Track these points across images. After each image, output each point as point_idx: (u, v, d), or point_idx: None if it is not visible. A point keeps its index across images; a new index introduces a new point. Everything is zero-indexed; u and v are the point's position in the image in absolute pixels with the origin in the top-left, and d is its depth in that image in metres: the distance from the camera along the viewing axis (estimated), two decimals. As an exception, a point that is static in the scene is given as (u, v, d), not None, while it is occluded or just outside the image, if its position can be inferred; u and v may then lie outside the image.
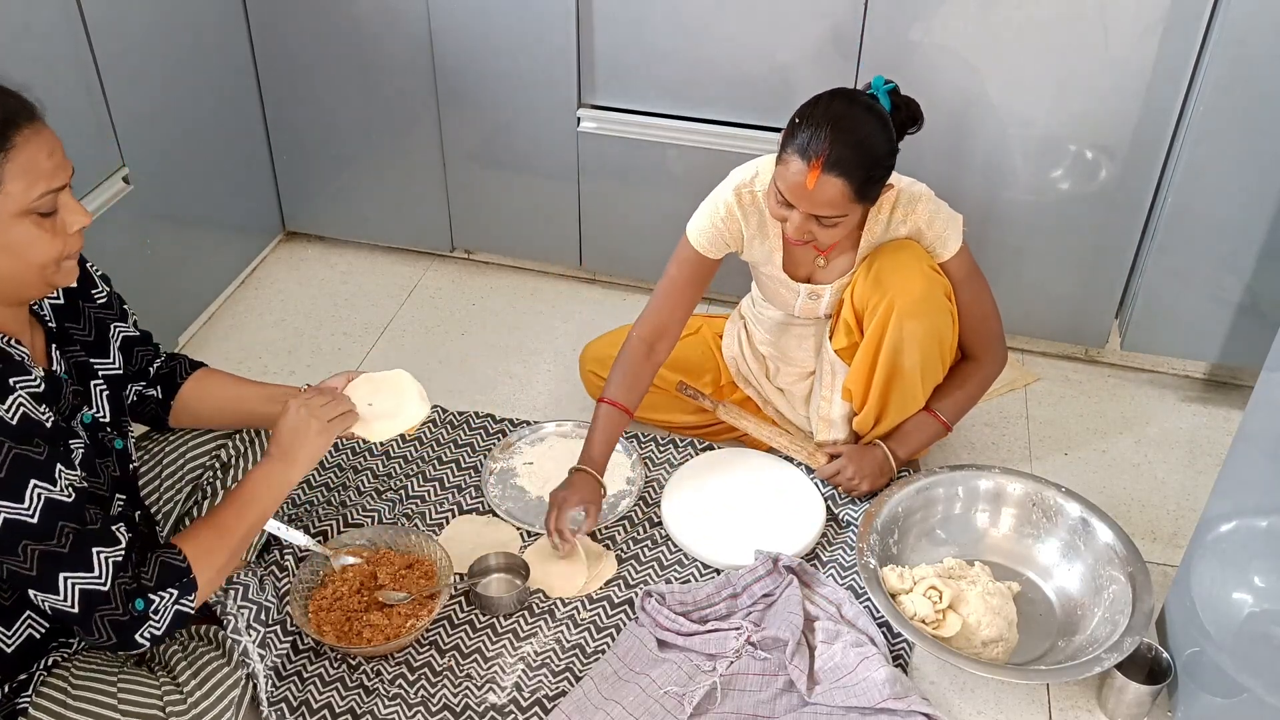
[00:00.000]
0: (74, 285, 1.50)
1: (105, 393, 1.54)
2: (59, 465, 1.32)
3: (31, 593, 1.31)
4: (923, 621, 1.71)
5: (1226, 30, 1.92)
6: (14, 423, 1.29)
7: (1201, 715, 1.61)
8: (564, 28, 2.28)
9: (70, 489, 1.33)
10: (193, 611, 1.40)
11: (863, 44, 2.13)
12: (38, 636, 1.44)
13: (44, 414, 1.34)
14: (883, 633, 1.76)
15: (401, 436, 1.86)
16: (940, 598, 1.72)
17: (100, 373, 1.56)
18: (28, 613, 1.42)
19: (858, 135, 1.67)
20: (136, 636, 1.35)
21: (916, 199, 1.85)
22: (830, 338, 1.97)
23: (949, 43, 2.09)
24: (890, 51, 2.12)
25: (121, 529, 1.36)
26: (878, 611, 1.76)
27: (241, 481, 1.52)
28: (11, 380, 1.31)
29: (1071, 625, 1.78)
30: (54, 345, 1.48)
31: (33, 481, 1.29)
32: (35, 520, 1.28)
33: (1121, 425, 2.29)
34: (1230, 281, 2.16)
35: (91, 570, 1.32)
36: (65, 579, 1.30)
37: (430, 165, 2.57)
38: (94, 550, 1.32)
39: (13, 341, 1.37)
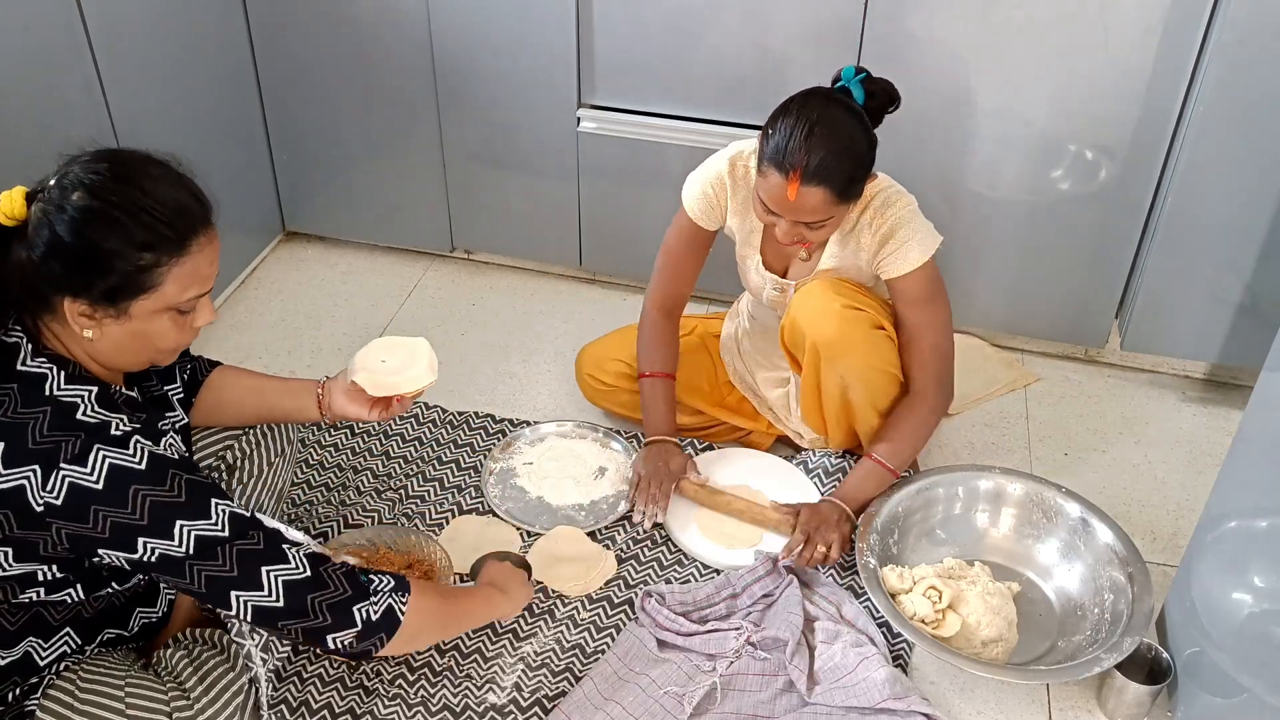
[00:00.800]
0: None
1: (179, 423, 1.57)
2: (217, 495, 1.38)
3: (235, 594, 1.35)
4: (922, 621, 1.71)
5: (1226, 30, 1.92)
6: (175, 457, 1.35)
7: (1201, 715, 1.61)
8: (564, 28, 2.28)
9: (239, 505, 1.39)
10: (400, 620, 1.44)
11: (862, 44, 2.13)
12: (69, 652, 1.46)
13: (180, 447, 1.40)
14: (882, 633, 1.76)
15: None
16: (940, 598, 1.72)
17: (174, 399, 1.59)
18: (66, 629, 1.44)
19: (834, 140, 1.64)
20: (355, 609, 1.40)
21: (889, 205, 1.80)
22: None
23: (949, 43, 2.09)
24: (890, 52, 2.12)
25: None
26: (877, 611, 1.76)
27: (481, 590, 1.68)
28: (160, 424, 1.39)
29: (1071, 625, 1.78)
30: (135, 384, 1.50)
31: (213, 500, 1.34)
32: (226, 533, 1.34)
33: (1121, 425, 2.29)
34: (1230, 281, 2.16)
35: (289, 563, 1.37)
36: (268, 573, 1.36)
37: (430, 165, 2.57)
38: (284, 546, 1.39)
39: (120, 390, 1.42)
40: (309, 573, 1.38)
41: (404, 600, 1.45)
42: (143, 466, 1.30)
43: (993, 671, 1.65)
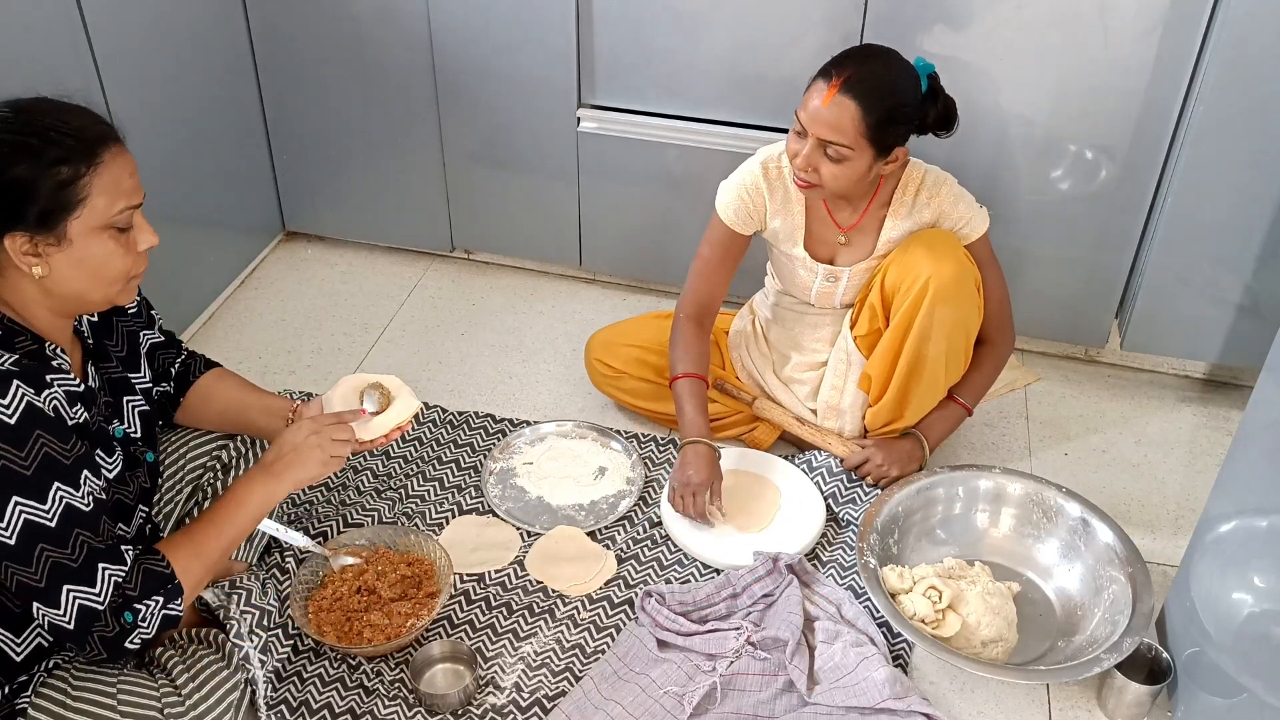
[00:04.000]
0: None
1: (138, 408, 1.56)
2: (85, 471, 1.34)
3: (36, 606, 1.32)
4: (922, 621, 1.71)
5: (1226, 30, 1.92)
6: (51, 415, 1.31)
7: (1201, 715, 1.61)
8: (564, 28, 2.28)
9: (90, 498, 1.34)
10: (179, 615, 1.41)
11: (862, 43, 2.13)
12: (46, 645, 1.45)
13: (77, 413, 1.36)
14: (883, 633, 1.76)
15: (413, 422, 1.87)
16: (940, 597, 1.72)
17: (136, 386, 1.58)
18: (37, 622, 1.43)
19: (885, 72, 1.73)
20: (126, 644, 1.37)
21: (941, 182, 1.90)
22: (852, 325, 1.98)
23: (949, 42, 2.09)
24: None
25: (128, 551, 1.37)
26: (877, 611, 1.76)
27: (229, 490, 1.53)
28: (48, 376, 1.33)
29: (1071, 625, 1.78)
30: (90, 362, 1.50)
31: (56, 484, 1.30)
32: (54, 525, 1.30)
33: (1121, 425, 2.29)
34: (1230, 281, 2.16)
35: (94, 586, 1.33)
36: (69, 592, 1.31)
37: (430, 165, 2.57)
38: (100, 565, 1.33)
39: (57, 349, 1.41)
40: (103, 605, 1.34)
41: (176, 603, 1.40)
42: (12, 421, 1.27)
43: (993, 671, 1.65)
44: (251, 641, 1.58)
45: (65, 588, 1.31)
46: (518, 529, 1.99)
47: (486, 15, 2.32)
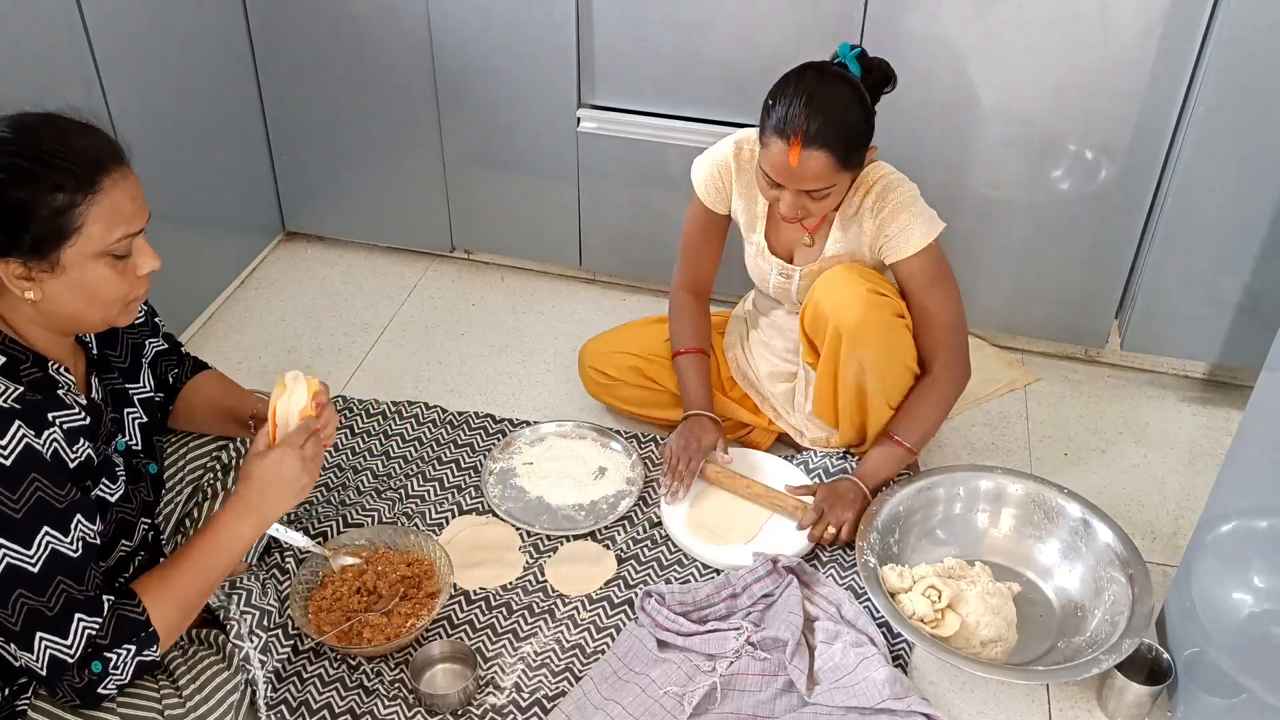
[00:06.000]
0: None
1: (139, 421, 1.55)
2: (78, 515, 1.32)
3: (9, 645, 1.31)
4: (921, 621, 1.71)
5: (1226, 30, 1.92)
6: (49, 458, 1.29)
7: (1201, 715, 1.61)
8: (564, 28, 2.28)
9: (80, 544, 1.32)
10: (157, 660, 1.39)
11: (862, 44, 2.13)
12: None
13: (77, 453, 1.34)
14: (883, 633, 1.76)
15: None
16: (939, 597, 1.72)
17: (135, 398, 1.57)
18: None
19: (833, 106, 1.69)
20: (99, 691, 1.35)
21: (890, 189, 1.83)
22: (801, 349, 2.00)
23: (949, 43, 2.09)
24: (890, 52, 2.10)
25: (107, 600, 1.35)
26: (877, 611, 1.76)
27: (207, 526, 1.45)
28: (50, 415, 1.31)
29: (1071, 626, 1.78)
30: (93, 373, 1.49)
31: (45, 529, 1.29)
32: (36, 570, 1.28)
33: (1121, 425, 2.29)
34: (1230, 281, 2.16)
35: (66, 638, 1.31)
36: (41, 640, 1.30)
37: (430, 165, 2.57)
38: (76, 617, 1.31)
39: (61, 369, 1.39)
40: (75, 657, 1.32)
41: (151, 650, 1.38)
42: (8, 463, 1.25)
43: (993, 671, 1.65)
44: (251, 642, 1.58)
45: (38, 635, 1.29)
46: (517, 529, 1.99)
47: (486, 15, 2.32)
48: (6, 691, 1.40)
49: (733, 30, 2.20)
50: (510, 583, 1.88)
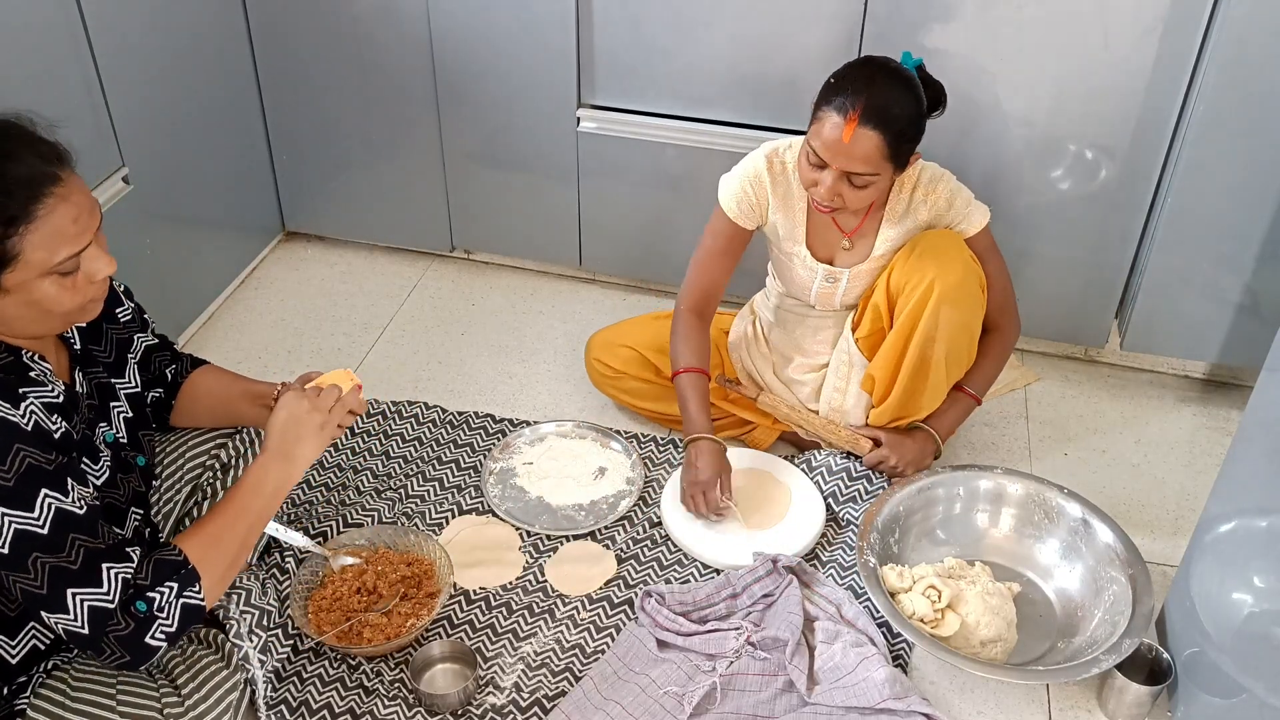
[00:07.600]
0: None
1: (124, 415, 1.55)
2: (69, 477, 1.31)
3: (44, 614, 1.30)
4: (921, 620, 1.71)
5: (1226, 30, 1.92)
6: (29, 429, 1.29)
7: (1201, 715, 1.61)
8: (564, 28, 2.28)
9: (83, 503, 1.32)
10: (202, 604, 1.37)
11: (862, 43, 2.13)
12: (42, 648, 1.44)
13: (56, 424, 1.34)
14: (883, 633, 1.76)
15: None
16: (939, 597, 1.72)
17: (121, 392, 1.56)
18: (32, 624, 1.42)
19: (893, 95, 1.72)
20: (148, 640, 1.33)
21: (938, 179, 1.90)
22: (854, 328, 1.98)
23: (949, 42, 2.09)
24: (890, 52, 2.11)
25: (135, 551, 1.35)
26: (877, 611, 1.76)
27: (238, 481, 1.48)
28: (22, 390, 1.31)
29: (1071, 626, 1.78)
30: (77, 367, 1.49)
31: (43, 491, 1.28)
32: (45, 531, 1.27)
33: (1121, 425, 2.29)
34: (1230, 281, 2.16)
35: (101, 586, 1.30)
36: (74, 595, 1.29)
37: (430, 165, 2.57)
38: (104, 566, 1.31)
39: (36, 357, 1.38)
40: (114, 603, 1.31)
41: (194, 589, 1.37)
42: None
43: (993, 671, 1.65)
44: (251, 641, 1.58)
45: (69, 591, 1.28)
46: (517, 529, 1.99)
47: (486, 15, 2.32)
48: (5, 691, 1.40)
49: (733, 30, 2.20)
50: (510, 583, 1.88)
